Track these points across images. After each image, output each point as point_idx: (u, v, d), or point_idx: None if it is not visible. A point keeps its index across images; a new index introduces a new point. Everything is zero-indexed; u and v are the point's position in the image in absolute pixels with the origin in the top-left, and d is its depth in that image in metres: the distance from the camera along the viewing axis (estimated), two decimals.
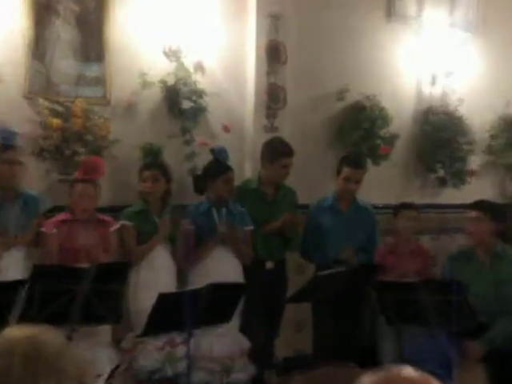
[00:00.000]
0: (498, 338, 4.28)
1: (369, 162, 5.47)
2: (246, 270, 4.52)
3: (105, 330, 4.07)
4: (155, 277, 4.22)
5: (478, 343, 4.23)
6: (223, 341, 4.31)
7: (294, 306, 4.83)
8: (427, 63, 6.21)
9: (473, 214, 4.58)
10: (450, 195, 6.19)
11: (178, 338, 4.12)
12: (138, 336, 4.00)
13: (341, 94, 5.58)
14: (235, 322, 4.28)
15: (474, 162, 6.35)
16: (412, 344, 4.12)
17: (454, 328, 3.97)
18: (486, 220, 4.53)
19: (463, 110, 6.22)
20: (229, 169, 4.53)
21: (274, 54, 5.24)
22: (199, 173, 4.75)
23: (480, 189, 6.29)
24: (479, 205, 4.63)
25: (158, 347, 4.13)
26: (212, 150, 4.63)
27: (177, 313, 3.59)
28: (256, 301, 4.51)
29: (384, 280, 4.29)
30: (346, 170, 4.77)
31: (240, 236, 4.47)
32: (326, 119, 5.66)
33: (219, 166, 4.54)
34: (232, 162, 4.75)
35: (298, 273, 5.24)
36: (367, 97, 5.66)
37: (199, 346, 4.21)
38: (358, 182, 4.81)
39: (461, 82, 6.28)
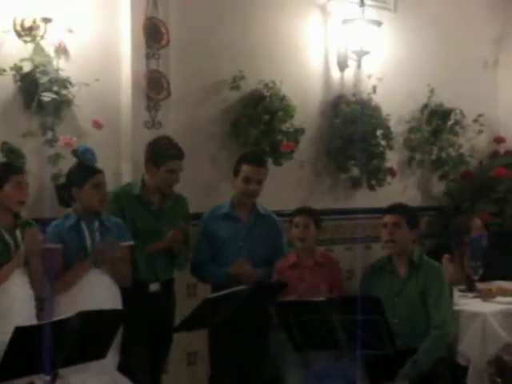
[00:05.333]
0: (425, 361, 4.39)
1: (269, 161, 5.51)
2: (126, 294, 4.47)
3: None
4: (7, 309, 4.07)
5: (403, 370, 4.36)
6: (98, 381, 4.21)
7: (184, 335, 4.81)
8: (336, 44, 6.33)
9: (389, 218, 4.68)
10: (365, 198, 6.33)
11: (39, 380, 4.00)
12: None
13: (235, 82, 5.61)
14: (113, 357, 4.23)
15: (393, 158, 6.51)
16: (316, 371, 4.20)
17: (370, 353, 4.07)
18: (404, 226, 4.65)
19: (379, 99, 6.37)
20: (97, 172, 4.47)
21: (153, 34, 5.20)
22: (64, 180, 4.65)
23: (398, 190, 6.49)
24: (396, 208, 4.74)
25: None
26: (74, 152, 4.55)
27: (38, 350, 3.49)
28: (138, 331, 4.48)
29: (285, 300, 4.33)
30: (245, 169, 4.82)
31: (118, 254, 4.41)
32: (219, 112, 5.67)
33: (85, 169, 4.46)
34: (106, 164, 4.70)
35: (189, 294, 5.28)
36: (266, 84, 5.72)
37: None
38: (260, 182, 4.86)
39: (376, 66, 6.44)
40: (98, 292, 4.34)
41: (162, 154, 4.70)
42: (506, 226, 6.65)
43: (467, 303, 5.14)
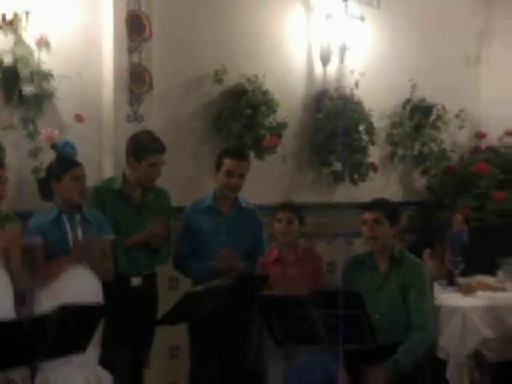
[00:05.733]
0: (406, 361, 4.39)
1: (252, 155, 5.51)
2: (108, 288, 4.45)
3: None
4: None
5: (383, 368, 4.34)
6: (79, 375, 4.19)
7: (166, 329, 4.79)
8: (319, 39, 6.33)
9: (369, 215, 4.68)
10: (347, 192, 6.34)
11: (17, 375, 3.97)
12: None
13: (217, 76, 5.60)
14: (94, 351, 4.21)
15: (375, 153, 6.53)
16: (297, 365, 4.20)
17: (351, 347, 4.07)
18: (385, 222, 4.65)
19: (361, 94, 6.38)
20: (76, 164, 4.44)
21: (135, 27, 5.19)
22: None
23: (380, 184, 6.49)
24: (376, 204, 4.74)
25: None
26: (53, 146, 4.52)
27: (17, 344, 3.47)
28: (119, 325, 4.45)
29: (266, 295, 4.31)
30: (227, 163, 4.80)
31: (100, 247, 4.39)
32: (201, 106, 5.67)
33: (64, 162, 4.44)
34: (88, 158, 4.67)
35: (172, 288, 5.26)
36: (248, 79, 5.71)
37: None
38: (242, 176, 4.85)
39: (358, 61, 6.45)
40: (79, 286, 4.31)
41: (143, 147, 4.67)
42: (486, 221, 6.67)
43: (448, 298, 5.14)
